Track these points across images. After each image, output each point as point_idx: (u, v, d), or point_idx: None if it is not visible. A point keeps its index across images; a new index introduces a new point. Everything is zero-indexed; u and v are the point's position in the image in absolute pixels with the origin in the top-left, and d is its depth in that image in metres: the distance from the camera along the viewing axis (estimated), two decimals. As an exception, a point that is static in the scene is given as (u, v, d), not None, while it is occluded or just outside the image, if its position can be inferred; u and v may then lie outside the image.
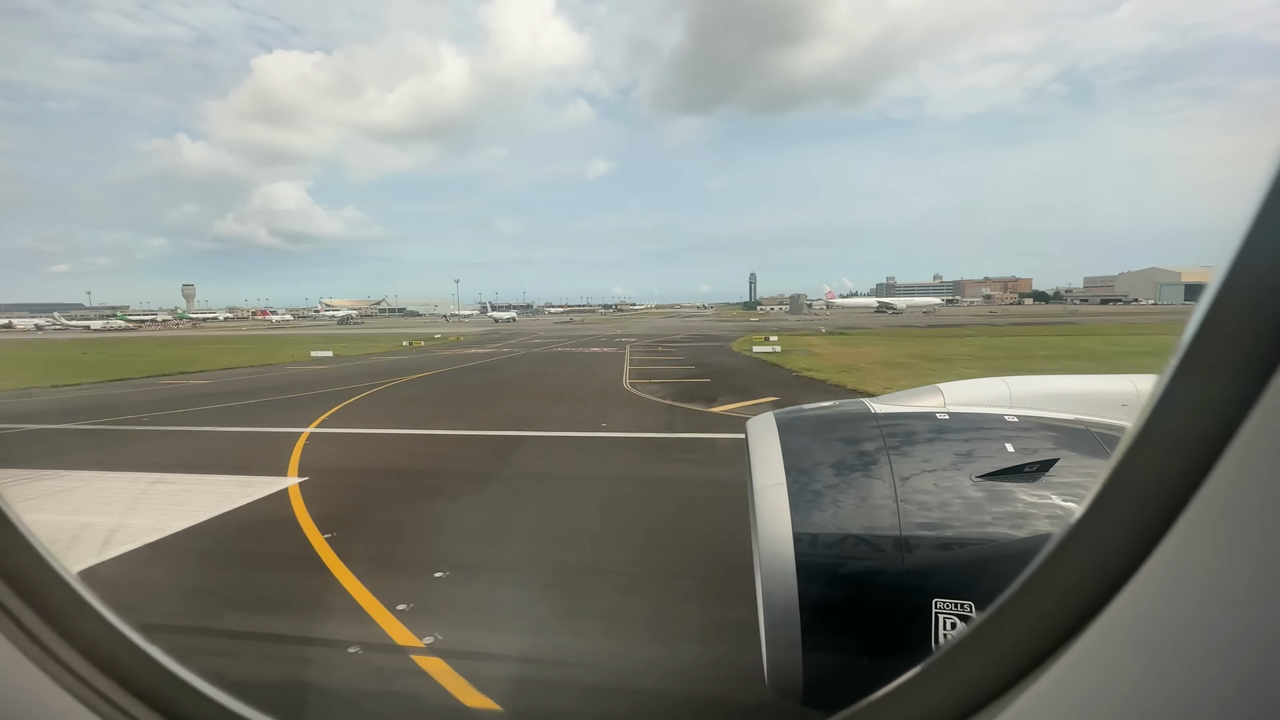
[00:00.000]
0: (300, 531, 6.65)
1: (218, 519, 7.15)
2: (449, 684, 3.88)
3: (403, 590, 5.14)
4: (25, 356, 41.59)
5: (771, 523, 1.91)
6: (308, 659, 4.35)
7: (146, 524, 6.88)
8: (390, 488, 8.63)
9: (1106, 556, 0.65)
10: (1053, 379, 2.64)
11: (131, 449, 11.61)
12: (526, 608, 4.98)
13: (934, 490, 1.91)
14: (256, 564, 6.02)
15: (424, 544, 6.33)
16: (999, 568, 1.75)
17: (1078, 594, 0.66)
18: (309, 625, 4.78)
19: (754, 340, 34.50)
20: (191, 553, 6.31)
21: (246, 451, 11.13)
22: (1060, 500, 1.85)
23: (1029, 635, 0.71)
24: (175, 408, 16.23)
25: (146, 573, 5.86)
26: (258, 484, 8.50)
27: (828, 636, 1.86)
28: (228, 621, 4.83)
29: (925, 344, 33.39)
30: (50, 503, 7.91)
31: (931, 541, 1.82)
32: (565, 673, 4.12)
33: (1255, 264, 0.57)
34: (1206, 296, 0.60)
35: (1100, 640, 0.64)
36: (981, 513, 1.85)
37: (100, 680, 0.97)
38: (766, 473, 2.04)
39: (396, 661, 4.18)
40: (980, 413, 2.29)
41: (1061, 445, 2.02)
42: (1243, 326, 0.58)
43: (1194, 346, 0.61)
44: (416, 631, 4.49)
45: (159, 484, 8.69)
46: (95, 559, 5.98)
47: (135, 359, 34.64)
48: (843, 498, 1.95)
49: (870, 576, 1.85)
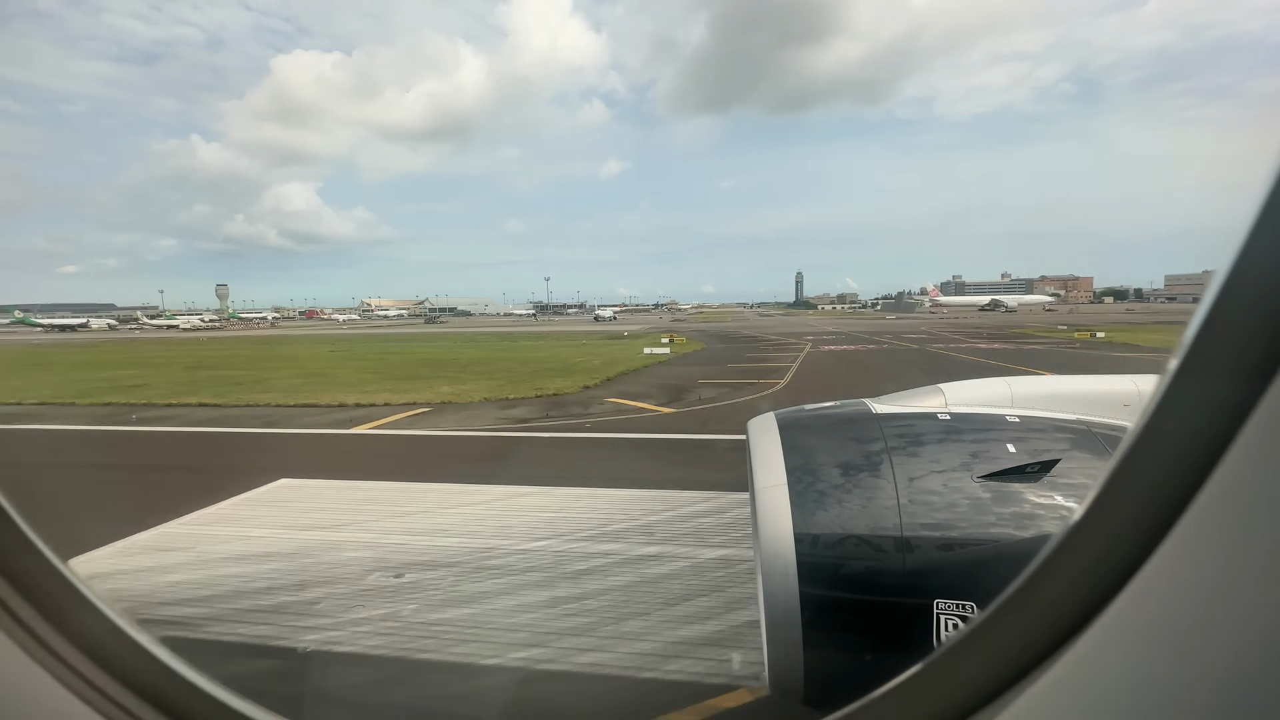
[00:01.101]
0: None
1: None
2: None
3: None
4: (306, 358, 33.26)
5: (773, 523, 1.91)
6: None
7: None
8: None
9: (1108, 556, 0.64)
10: (1054, 379, 2.63)
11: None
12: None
13: (935, 491, 1.91)
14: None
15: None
16: (1000, 568, 1.74)
17: (1079, 593, 0.66)
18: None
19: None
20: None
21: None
22: (1062, 500, 1.85)
23: (1030, 634, 0.70)
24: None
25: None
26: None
27: (829, 636, 1.85)
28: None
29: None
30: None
31: (933, 542, 1.82)
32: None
33: (1257, 264, 0.57)
34: (1209, 297, 0.60)
35: (1101, 640, 0.63)
36: (983, 513, 1.84)
37: (100, 677, 0.97)
38: (768, 473, 2.04)
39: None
40: (982, 413, 2.29)
41: (1063, 446, 2.01)
42: (1245, 327, 0.58)
43: (1196, 347, 0.61)
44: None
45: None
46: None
47: (490, 361, 28.04)
48: (844, 498, 1.95)
49: (872, 577, 1.85)
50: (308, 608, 5.01)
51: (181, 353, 38.81)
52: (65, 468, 10.78)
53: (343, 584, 5.40)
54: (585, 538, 6.30)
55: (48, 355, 38.42)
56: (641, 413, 14.23)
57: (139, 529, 6.78)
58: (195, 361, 31.58)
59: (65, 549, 1.04)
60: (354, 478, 8.98)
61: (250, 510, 7.62)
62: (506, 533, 6.47)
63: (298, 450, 12.10)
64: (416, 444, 12.30)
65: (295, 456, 11.50)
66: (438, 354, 34.31)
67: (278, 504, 7.85)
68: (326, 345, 44.80)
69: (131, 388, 20.44)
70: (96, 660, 0.98)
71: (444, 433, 12.86)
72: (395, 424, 13.70)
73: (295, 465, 9.80)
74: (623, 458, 10.66)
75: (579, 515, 7.00)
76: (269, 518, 7.29)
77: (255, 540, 6.52)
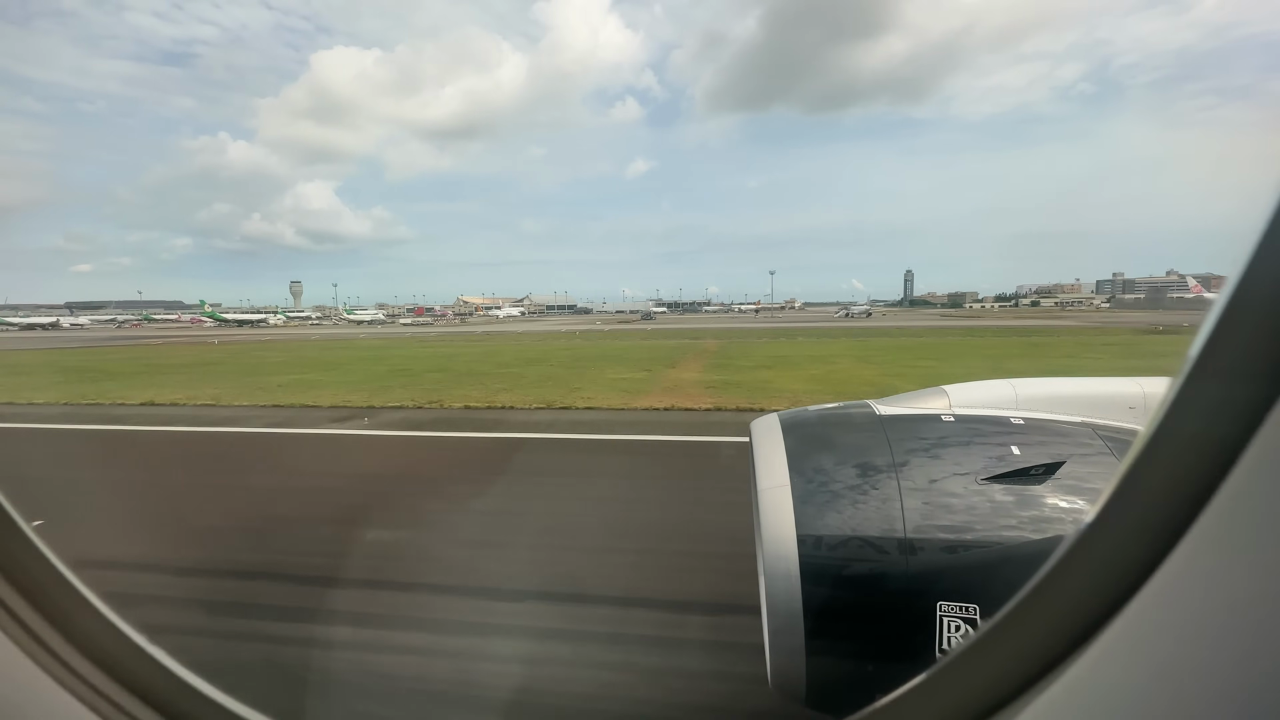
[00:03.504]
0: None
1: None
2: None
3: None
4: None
5: (775, 525, 1.90)
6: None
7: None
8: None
9: (1119, 561, 0.64)
10: (1058, 381, 2.62)
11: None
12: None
13: (939, 493, 1.90)
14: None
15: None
16: (1005, 571, 1.74)
17: (1089, 600, 0.65)
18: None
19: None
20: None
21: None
22: (1066, 503, 1.84)
23: (1039, 641, 0.69)
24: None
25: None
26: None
27: (832, 640, 1.85)
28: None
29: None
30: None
31: (936, 544, 1.81)
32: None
33: (1272, 265, 0.56)
34: (1222, 297, 0.59)
35: (1112, 648, 0.63)
36: (987, 516, 1.83)
37: (102, 680, 0.97)
38: (770, 474, 2.03)
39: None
40: (986, 415, 2.28)
41: (1068, 448, 2.00)
42: (1260, 328, 0.57)
43: (1210, 348, 0.60)
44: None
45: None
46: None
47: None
48: (847, 500, 1.94)
49: (875, 579, 1.84)
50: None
51: (470, 350, 33.24)
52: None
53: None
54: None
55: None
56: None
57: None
58: (521, 358, 26.65)
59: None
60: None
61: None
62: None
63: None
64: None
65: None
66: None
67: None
68: (604, 342, 37.81)
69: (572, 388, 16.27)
70: (98, 663, 0.98)
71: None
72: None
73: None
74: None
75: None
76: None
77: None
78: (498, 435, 11.50)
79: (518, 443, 10.87)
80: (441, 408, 14.24)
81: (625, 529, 6.52)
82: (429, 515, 7.11)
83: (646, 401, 14.22)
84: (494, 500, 7.65)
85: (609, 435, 11.30)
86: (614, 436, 11.19)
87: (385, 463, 10.17)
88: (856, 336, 40.80)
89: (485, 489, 8.06)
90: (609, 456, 10.08)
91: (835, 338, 39.83)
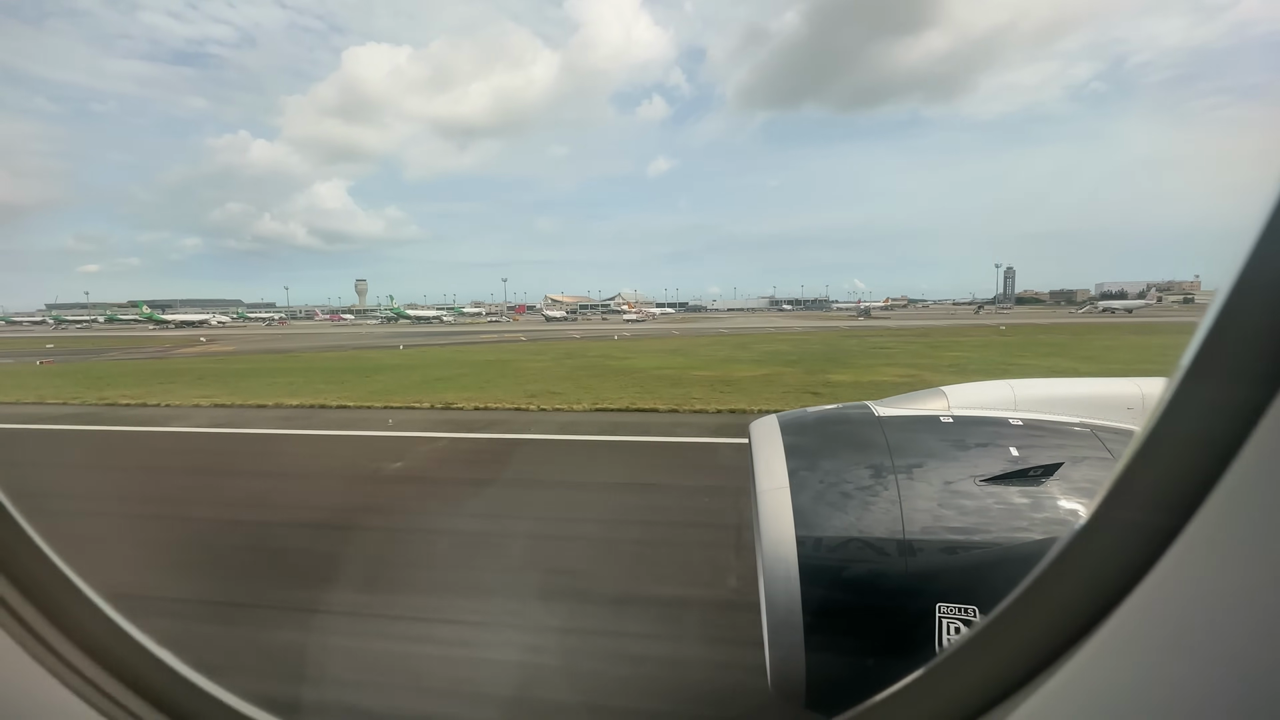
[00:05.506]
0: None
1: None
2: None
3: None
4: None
5: (775, 526, 1.90)
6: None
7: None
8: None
9: (1114, 560, 0.64)
10: (1057, 382, 2.62)
11: None
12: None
13: (938, 494, 1.90)
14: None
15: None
16: (1003, 572, 1.74)
17: (1085, 598, 0.66)
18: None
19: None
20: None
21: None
22: (1065, 504, 1.84)
23: (1035, 639, 0.70)
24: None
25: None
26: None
27: (831, 639, 1.85)
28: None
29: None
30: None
31: (935, 545, 1.81)
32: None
33: (1268, 267, 0.57)
34: (1218, 299, 0.59)
35: (1106, 646, 0.63)
36: (985, 516, 1.84)
37: (102, 678, 0.97)
38: (770, 476, 2.04)
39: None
40: (984, 416, 2.28)
41: (1066, 449, 2.01)
42: (1256, 330, 0.58)
43: (1205, 350, 0.60)
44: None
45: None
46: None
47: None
48: (846, 501, 1.94)
49: (874, 580, 1.84)
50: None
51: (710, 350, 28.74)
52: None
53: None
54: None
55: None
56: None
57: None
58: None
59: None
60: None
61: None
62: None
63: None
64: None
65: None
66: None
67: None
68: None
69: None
70: (98, 660, 0.98)
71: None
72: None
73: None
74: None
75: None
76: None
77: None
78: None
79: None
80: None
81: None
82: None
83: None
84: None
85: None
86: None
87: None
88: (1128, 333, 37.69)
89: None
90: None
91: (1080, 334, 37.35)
